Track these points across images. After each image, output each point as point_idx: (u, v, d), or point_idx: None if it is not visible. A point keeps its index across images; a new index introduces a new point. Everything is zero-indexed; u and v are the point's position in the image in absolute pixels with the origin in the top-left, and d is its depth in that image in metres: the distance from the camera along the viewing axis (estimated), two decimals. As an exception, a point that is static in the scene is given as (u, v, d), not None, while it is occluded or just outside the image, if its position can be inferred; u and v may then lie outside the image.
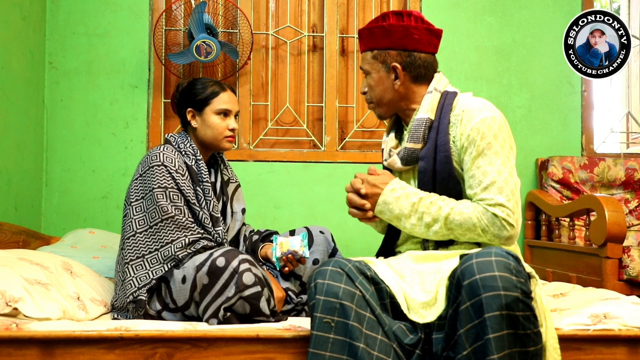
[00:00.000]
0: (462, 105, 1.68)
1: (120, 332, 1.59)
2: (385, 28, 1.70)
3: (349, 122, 3.26)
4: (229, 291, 1.77)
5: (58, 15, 3.04)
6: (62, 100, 3.04)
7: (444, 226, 1.60)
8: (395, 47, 1.71)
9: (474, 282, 1.37)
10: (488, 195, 1.58)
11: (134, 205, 1.99)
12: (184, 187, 1.97)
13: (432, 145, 1.67)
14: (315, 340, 1.47)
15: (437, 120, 1.68)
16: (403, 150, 1.73)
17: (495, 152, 1.60)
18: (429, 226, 1.61)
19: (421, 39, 1.70)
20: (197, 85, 2.09)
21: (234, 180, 2.24)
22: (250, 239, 2.22)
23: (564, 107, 3.34)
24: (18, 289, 1.66)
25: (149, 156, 2.00)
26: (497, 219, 1.56)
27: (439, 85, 1.73)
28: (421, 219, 1.62)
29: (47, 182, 3.02)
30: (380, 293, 1.57)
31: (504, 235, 1.57)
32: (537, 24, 3.32)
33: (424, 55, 1.72)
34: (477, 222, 1.57)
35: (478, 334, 1.36)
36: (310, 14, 3.28)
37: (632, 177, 3.17)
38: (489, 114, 1.62)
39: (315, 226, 2.20)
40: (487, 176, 1.59)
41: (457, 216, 1.58)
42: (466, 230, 1.59)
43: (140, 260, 1.93)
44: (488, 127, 1.61)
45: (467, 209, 1.59)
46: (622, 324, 1.72)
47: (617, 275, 2.42)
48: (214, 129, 2.06)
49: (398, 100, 1.75)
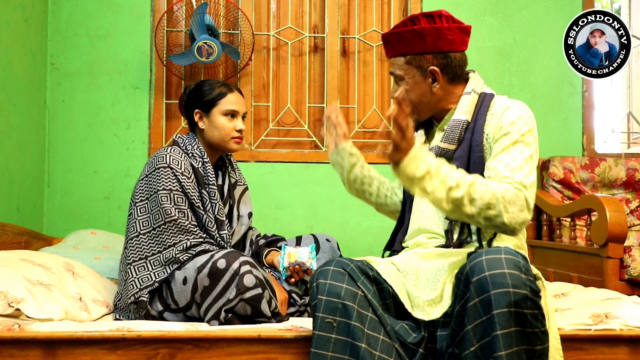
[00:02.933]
0: (500, 105, 1.67)
1: (122, 333, 1.59)
2: (417, 32, 1.67)
3: (350, 122, 3.27)
4: (230, 293, 1.78)
5: (60, 16, 3.05)
6: (64, 101, 3.05)
7: (467, 194, 1.49)
8: (431, 50, 1.68)
9: (483, 279, 1.36)
10: (514, 175, 1.53)
11: (138, 206, 1.99)
12: (188, 190, 1.97)
13: (467, 146, 1.66)
14: (317, 340, 1.47)
15: (474, 121, 1.68)
16: (435, 149, 1.71)
17: (527, 144, 1.59)
18: (450, 189, 1.49)
19: (454, 38, 1.69)
20: (204, 87, 2.10)
21: (242, 183, 2.24)
22: (256, 243, 2.22)
23: (565, 108, 3.34)
24: (20, 289, 1.67)
25: (155, 157, 2.00)
26: (521, 196, 1.50)
27: (477, 87, 1.72)
28: (444, 181, 1.49)
29: (49, 183, 3.02)
30: (382, 293, 1.57)
31: (521, 219, 1.50)
32: (537, 24, 3.32)
33: (459, 55, 1.71)
34: (501, 197, 1.48)
35: (486, 330, 1.35)
36: (311, 14, 3.28)
37: (633, 177, 3.17)
38: (526, 113, 1.63)
39: (321, 234, 2.21)
40: (515, 161, 1.56)
41: (482, 186, 1.50)
42: (487, 204, 1.48)
43: (143, 261, 1.93)
44: (525, 122, 1.60)
45: (492, 182, 1.53)
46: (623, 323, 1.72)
47: (619, 275, 2.42)
48: (221, 130, 2.06)
49: (436, 102, 1.73)
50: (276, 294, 1.90)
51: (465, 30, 1.71)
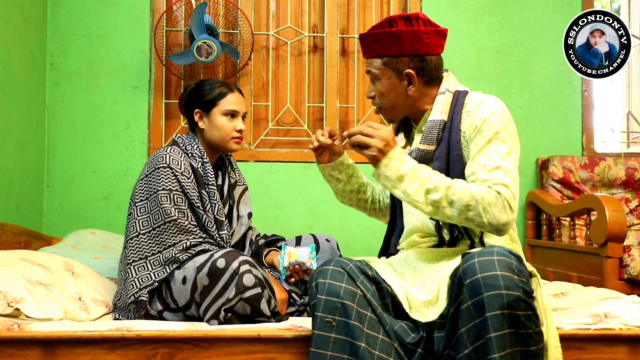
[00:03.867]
0: (474, 101, 1.68)
1: (122, 333, 1.59)
2: (395, 34, 1.67)
3: (349, 122, 3.27)
4: (229, 292, 1.78)
5: (59, 16, 3.05)
6: (63, 101, 3.05)
7: (445, 197, 1.52)
8: (407, 53, 1.68)
9: (476, 281, 1.37)
10: (492, 177, 1.54)
11: (138, 206, 1.99)
12: (188, 190, 1.97)
13: (445, 145, 1.67)
14: (317, 339, 1.47)
15: (450, 120, 1.68)
16: (415, 151, 1.71)
17: (502, 140, 1.59)
18: (428, 192, 1.53)
19: (431, 42, 1.69)
20: (204, 87, 2.10)
21: (242, 183, 2.24)
22: (256, 243, 2.22)
23: (565, 107, 3.34)
24: (20, 289, 1.67)
25: (155, 157, 2.00)
26: (500, 198, 1.50)
27: (451, 86, 1.72)
28: (422, 184, 1.53)
29: (49, 183, 3.02)
30: (381, 292, 1.58)
31: (503, 220, 1.51)
32: (537, 23, 3.32)
33: (435, 58, 1.71)
34: (480, 198, 1.50)
35: (479, 333, 1.36)
36: (310, 14, 3.28)
37: (633, 176, 3.17)
38: (498, 109, 1.63)
39: (321, 234, 2.21)
40: (492, 161, 1.56)
41: (460, 189, 1.52)
42: (465, 206, 1.51)
43: (142, 261, 1.93)
44: (497, 119, 1.60)
45: (471, 185, 1.54)
46: (622, 323, 1.72)
47: (618, 275, 2.42)
48: (221, 130, 2.06)
49: (410, 104, 1.74)
50: (276, 294, 1.90)
51: (442, 34, 1.71)
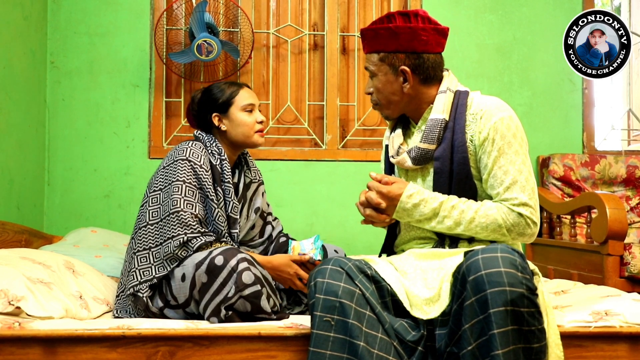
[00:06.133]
0: (478, 104, 1.67)
1: (123, 331, 1.59)
2: (392, 30, 1.66)
3: (350, 120, 3.27)
4: (228, 290, 1.78)
5: (59, 14, 3.05)
6: (64, 100, 3.05)
7: (467, 230, 1.61)
8: (404, 49, 1.67)
9: (480, 278, 1.37)
10: (511, 195, 1.59)
11: (151, 196, 2.01)
12: (204, 183, 1.98)
13: (449, 146, 1.66)
14: (316, 338, 1.47)
15: (452, 120, 1.67)
16: (415, 150, 1.70)
17: (515, 151, 1.61)
18: (450, 229, 1.63)
19: (429, 39, 1.67)
20: (213, 90, 2.12)
21: (257, 180, 2.25)
22: (276, 240, 2.24)
23: (565, 105, 3.34)
24: (20, 287, 1.67)
25: (176, 150, 2.02)
26: (522, 218, 1.59)
27: (452, 85, 1.71)
28: (442, 222, 1.62)
29: (49, 182, 3.02)
30: (380, 291, 1.57)
31: (527, 234, 1.60)
32: (537, 21, 3.32)
33: (433, 56, 1.69)
34: (503, 222, 1.59)
35: (483, 329, 1.36)
36: (311, 12, 3.28)
37: (633, 174, 3.17)
38: (506, 114, 1.63)
39: (330, 245, 2.23)
40: (508, 175, 1.60)
41: (482, 219, 1.59)
42: (491, 231, 1.60)
43: (146, 252, 1.94)
44: (507, 127, 1.61)
45: (491, 211, 1.60)
46: (623, 320, 1.71)
47: (619, 273, 2.42)
48: (243, 126, 2.08)
49: (407, 102, 1.73)
50: (275, 292, 1.90)
51: (441, 32, 1.69)
